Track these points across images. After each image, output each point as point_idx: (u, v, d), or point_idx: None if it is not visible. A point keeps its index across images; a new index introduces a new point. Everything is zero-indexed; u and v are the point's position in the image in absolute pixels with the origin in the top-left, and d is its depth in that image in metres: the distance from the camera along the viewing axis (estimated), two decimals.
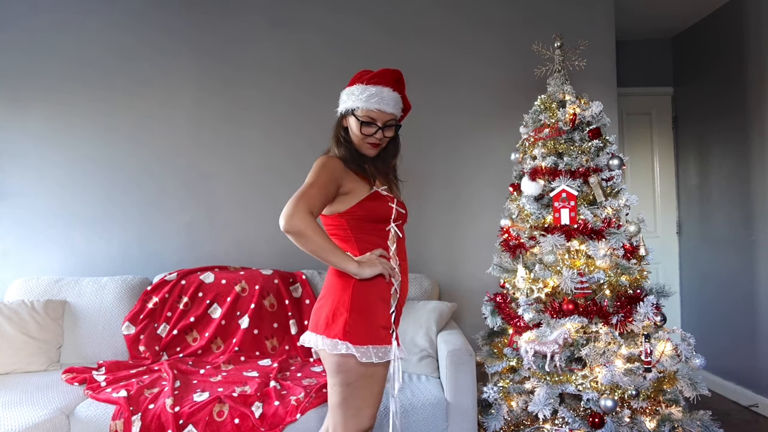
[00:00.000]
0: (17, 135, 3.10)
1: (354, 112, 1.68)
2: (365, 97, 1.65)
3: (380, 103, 1.65)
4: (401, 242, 1.72)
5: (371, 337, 1.58)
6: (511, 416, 2.24)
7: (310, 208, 1.55)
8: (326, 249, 1.56)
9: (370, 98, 1.65)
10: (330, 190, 1.62)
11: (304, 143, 3.21)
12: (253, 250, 3.19)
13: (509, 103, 3.26)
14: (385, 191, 1.70)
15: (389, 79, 1.69)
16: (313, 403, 2.12)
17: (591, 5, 3.35)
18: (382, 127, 1.68)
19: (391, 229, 1.68)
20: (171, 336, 2.71)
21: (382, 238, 1.68)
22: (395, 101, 1.69)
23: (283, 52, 3.26)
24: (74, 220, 3.12)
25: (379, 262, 1.61)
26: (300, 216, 1.53)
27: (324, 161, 1.68)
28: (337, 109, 1.76)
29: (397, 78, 1.71)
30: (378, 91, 1.66)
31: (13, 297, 2.74)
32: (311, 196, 1.57)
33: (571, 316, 2.12)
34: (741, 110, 3.45)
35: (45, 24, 3.14)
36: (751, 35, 3.35)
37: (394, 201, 1.70)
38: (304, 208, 1.54)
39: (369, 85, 1.66)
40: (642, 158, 4.20)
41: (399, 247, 1.70)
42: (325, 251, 1.56)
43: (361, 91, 1.66)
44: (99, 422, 2.05)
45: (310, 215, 1.55)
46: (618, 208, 2.30)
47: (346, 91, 1.72)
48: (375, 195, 1.67)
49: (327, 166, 1.66)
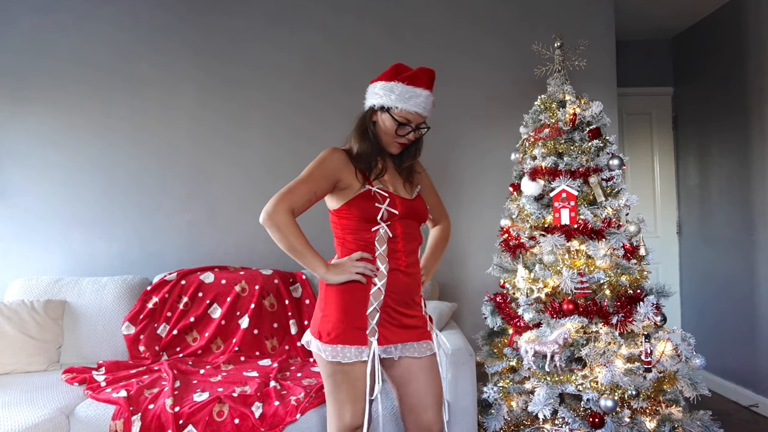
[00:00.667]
0: (17, 135, 3.10)
1: (390, 111, 1.67)
2: (406, 98, 1.65)
3: (418, 106, 1.66)
4: (394, 242, 1.68)
5: (343, 337, 1.61)
6: (511, 416, 2.24)
7: (291, 205, 1.59)
8: (296, 250, 1.60)
9: (410, 100, 1.65)
10: (321, 186, 1.64)
11: (304, 143, 3.21)
12: (253, 250, 3.19)
13: (509, 103, 3.26)
14: (381, 190, 1.68)
15: (427, 80, 1.69)
16: (313, 403, 2.12)
17: (591, 5, 3.35)
18: (415, 128, 1.70)
19: (380, 229, 1.66)
20: (171, 336, 2.71)
21: (370, 238, 1.67)
22: (430, 105, 1.70)
23: (283, 52, 3.26)
24: (74, 220, 3.12)
25: (351, 267, 1.62)
26: (278, 212, 1.57)
27: (323, 156, 1.69)
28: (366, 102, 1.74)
29: (433, 79, 1.72)
30: (417, 93, 1.66)
31: (12, 297, 2.74)
32: (296, 193, 1.60)
33: (571, 316, 2.11)
34: (741, 110, 3.44)
35: (45, 24, 3.14)
36: (751, 35, 3.35)
37: (386, 201, 1.65)
38: (285, 205, 1.58)
39: (409, 85, 1.65)
40: (642, 158, 4.20)
41: (391, 247, 1.67)
42: (295, 252, 1.60)
43: (401, 90, 1.65)
44: (99, 422, 2.05)
45: (289, 213, 1.58)
46: (618, 208, 2.30)
47: (381, 85, 1.68)
48: (365, 194, 1.66)
49: (324, 161, 1.67)
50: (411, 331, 1.70)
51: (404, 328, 1.69)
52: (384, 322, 1.66)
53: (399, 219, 1.69)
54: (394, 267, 1.68)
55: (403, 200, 1.72)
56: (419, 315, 1.75)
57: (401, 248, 1.70)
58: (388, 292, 1.66)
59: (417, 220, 1.76)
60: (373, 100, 1.71)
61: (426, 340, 1.72)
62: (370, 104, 1.73)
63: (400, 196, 1.72)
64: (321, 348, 1.62)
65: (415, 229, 1.76)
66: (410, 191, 1.79)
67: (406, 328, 1.69)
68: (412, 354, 1.68)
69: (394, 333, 1.67)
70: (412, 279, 1.73)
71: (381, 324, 1.65)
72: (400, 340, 1.67)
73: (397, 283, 1.68)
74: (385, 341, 1.65)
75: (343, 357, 1.60)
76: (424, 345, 1.71)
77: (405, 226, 1.71)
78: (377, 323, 1.64)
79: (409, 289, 1.72)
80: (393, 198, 1.69)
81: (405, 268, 1.70)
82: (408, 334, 1.69)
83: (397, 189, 1.76)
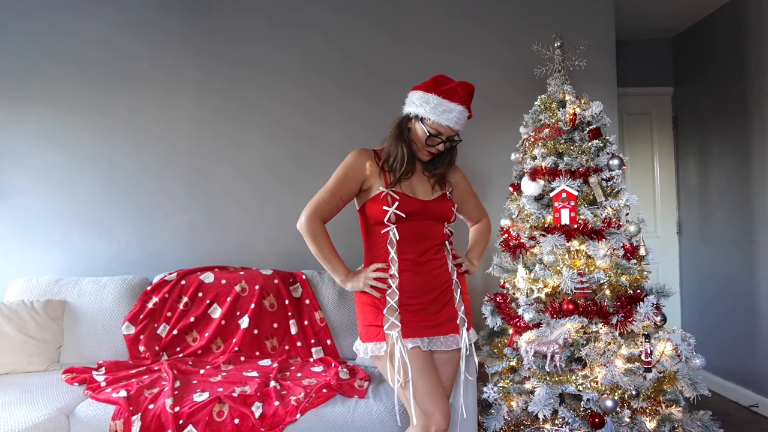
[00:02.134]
0: (17, 135, 3.10)
1: (423, 121, 1.73)
2: (440, 111, 1.70)
3: (450, 121, 1.72)
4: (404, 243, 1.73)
5: (365, 335, 1.76)
6: (511, 416, 2.24)
7: (317, 212, 1.75)
8: (319, 255, 1.76)
9: (443, 114, 1.71)
10: (346, 190, 1.77)
11: (304, 143, 3.21)
12: (253, 250, 3.19)
13: (509, 103, 3.26)
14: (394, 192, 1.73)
15: (464, 96, 1.75)
16: (313, 403, 2.12)
17: (591, 5, 3.35)
18: (445, 141, 1.75)
19: (390, 231, 1.72)
20: (171, 336, 2.71)
21: (382, 239, 1.74)
22: (464, 119, 1.77)
23: (283, 52, 3.25)
24: (74, 220, 3.12)
25: (364, 279, 1.72)
26: (311, 221, 1.74)
27: (348, 160, 1.79)
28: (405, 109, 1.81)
29: (471, 94, 1.79)
30: (451, 108, 1.71)
31: (12, 297, 2.73)
32: (321, 200, 1.76)
33: (571, 316, 2.11)
34: (741, 110, 3.45)
35: (45, 24, 3.13)
36: (751, 35, 3.35)
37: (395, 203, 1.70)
38: (311, 211, 1.75)
39: (445, 99, 1.71)
40: (642, 158, 4.20)
41: (401, 248, 1.73)
42: (324, 259, 1.76)
43: (436, 103, 1.71)
44: (99, 422, 2.05)
45: (315, 219, 1.74)
46: (618, 208, 2.30)
47: (419, 95, 1.75)
48: (377, 197, 1.73)
49: (349, 166, 1.78)
50: (438, 328, 1.76)
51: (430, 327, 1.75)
52: (406, 320, 1.72)
53: (412, 220, 1.74)
54: (405, 268, 1.74)
55: (418, 201, 1.76)
56: (449, 309, 1.79)
57: (413, 249, 1.75)
58: (402, 292, 1.73)
59: (436, 220, 1.81)
60: (409, 108, 1.78)
61: (453, 334, 1.78)
62: (407, 111, 1.80)
63: (415, 198, 1.76)
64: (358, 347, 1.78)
65: (434, 228, 1.80)
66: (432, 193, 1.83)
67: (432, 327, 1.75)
68: (439, 347, 1.76)
69: (416, 330, 1.73)
70: (429, 277, 1.77)
71: (403, 321, 1.72)
72: (424, 335, 1.74)
73: (410, 283, 1.74)
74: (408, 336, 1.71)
75: (367, 352, 1.73)
76: (450, 339, 1.77)
77: (419, 227, 1.76)
78: (398, 319, 1.72)
79: (427, 287, 1.76)
80: (406, 200, 1.73)
81: (417, 268, 1.75)
82: (435, 330, 1.76)
83: (415, 191, 1.80)
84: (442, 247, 1.84)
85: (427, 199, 1.80)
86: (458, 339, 1.80)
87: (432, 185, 1.85)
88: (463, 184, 2.00)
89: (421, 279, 1.76)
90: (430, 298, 1.76)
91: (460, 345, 1.80)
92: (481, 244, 2.08)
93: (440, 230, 1.83)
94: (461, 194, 1.98)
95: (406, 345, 1.68)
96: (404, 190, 1.77)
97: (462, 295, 1.87)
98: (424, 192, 1.82)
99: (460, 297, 1.85)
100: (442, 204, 1.83)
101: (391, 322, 1.71)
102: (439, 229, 1.82)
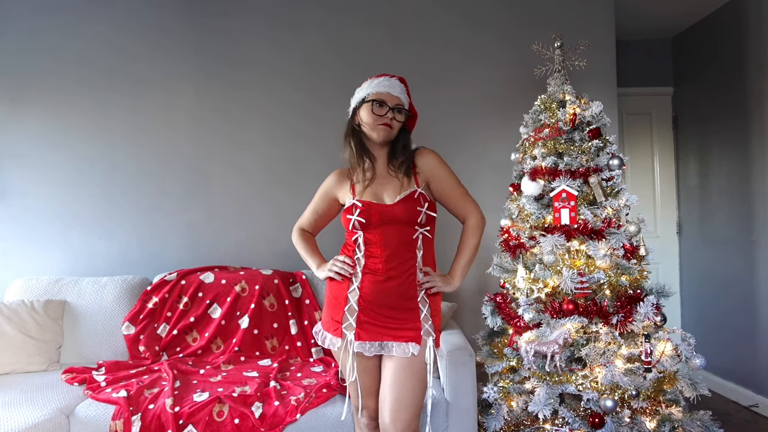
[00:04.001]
0: (17, 135, 3.10)
1: (365, 100, 1.82)
2: (374, 84, 1.83)
3: (388, 88, 1.82)
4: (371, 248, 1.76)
5: (326, 324, 1.85)
6: (511, 416, 2.24)
7: (301, 225, 2.02)
8: (302, 254, 1.99)
9: (379, 84, 1.82)
10: (320, 206, 1.98)
11: (303, 144, 3.22)
12: (253, 250, 3.19)
13: (509, 103, 3.26)
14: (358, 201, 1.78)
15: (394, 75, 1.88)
16: (313, 403, 2.12)
17: (591, 5, 3.35)
18: (392, 107, 1.80)
19: (358, 237, 1.79)
20: (171, 336, 2.71)
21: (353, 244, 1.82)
22: (401, 89, 1.85)
23: (282, 53, 3.25)
24: (74, 220, 3.12)
25: (330, 265, 1.84)
26: (294, 230, 2.03)
27: (326, 180, 1.96)
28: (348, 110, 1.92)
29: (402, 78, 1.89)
30: (384, 79, 1.84)
31: (12, 297, 2.73)
32: (303, 216, 2.03)
33: (571, 316, 2.11)
34: (741, 110, 3.44)
35: (45, 24, 3.14)
36: (751, 35, 3.35)
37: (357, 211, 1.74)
38: (296, 225, 2.03)
39: (376, 78, 1.85)
40: (642, 158, 4.20)
41: (368, 252, 1.76)
42: (302, 256, 1.99)
43: (369, 82, 1.85)
44: (99, 422, 2.05)
45: (297, 230, 2.02)
46: (618, 208, 2.30)
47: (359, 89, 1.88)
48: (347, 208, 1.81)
49: (323, 184, 1.96)
50: (393, 332, 1.73)
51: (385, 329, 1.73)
52: (363, 321, 1.74)
53: (377, 225, 1.75)
54: (368, 271, 1.77)
55: (378, 206, 1.75)
56: (411, 320, 1.74)
57: (379, 254, 1.75)
58: (363, 293, 1.75)
59: (402, 224, 1.75)
60: (352, 103, 1.90)
61: (411, 343, 1.71)
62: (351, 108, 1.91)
63: (378, 204, 1.76)
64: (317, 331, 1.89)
65: (400, 232, 1.75)
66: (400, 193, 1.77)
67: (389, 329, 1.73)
68: (388, 353, 1.73)
69: (371, 332, 1.74)
70: (395, 284, 1.73)
71: (359, 321, 1.75)
72: (377, 339, 1.74)
73: (372, 286, 1.75)
74: (361, 338, 1.74)
75: (323, 342, 1.83)
76: (404, 346, 1.71)
77: (383, 232, 1.75)
78: (355, 320, 1.75)
79: (391, 293, 1.74)
80: (367, 206, 1.75)
81: (383, 273, 1.74)
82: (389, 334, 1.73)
83: (381, 196, 1.78)
84: (412, 252, 1.76)
85: (391, 202, 1.76)
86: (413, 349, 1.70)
87: (402, 183, 1.78)
88: (439, 171, 1.83)
89: (389, 284, 1.74)
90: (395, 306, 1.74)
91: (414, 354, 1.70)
92: (464, 255, 1.86)
93: (407, 234, 1.75)
94: (438, 184, 1.83)
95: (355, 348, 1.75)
96: (368, 197, 1.78)
97: (431, 311, 1.78)
98: (393, 194, 1.77)
99: (428, 311, 1.77)
100: (407, 206, 1.74)
101: (348, 323, 1.76)
102: (405, 233, 1.75)
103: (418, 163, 1.83)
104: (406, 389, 1.69)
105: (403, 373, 1.70)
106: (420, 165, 1.83)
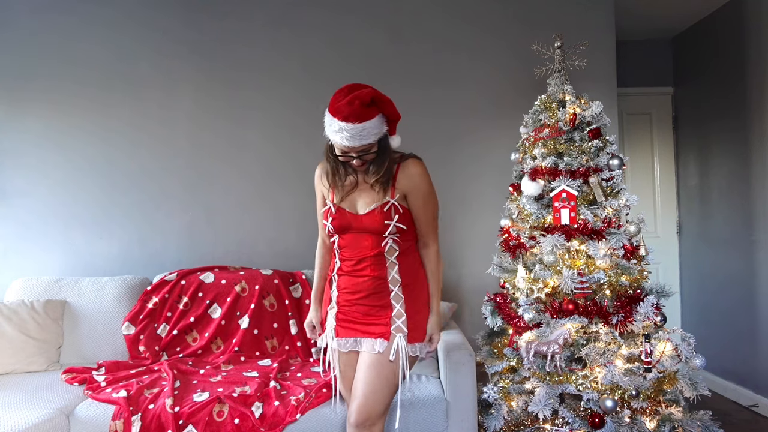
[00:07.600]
0: (17, 135, 3.10)
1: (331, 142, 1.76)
2: (334, 131, 1.66)
3: (344, 140, 1.65)
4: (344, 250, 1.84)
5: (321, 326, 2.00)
6: (511, 416, 2.24)
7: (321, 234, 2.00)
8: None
9: (336, 134, 1.65)
10: (319, 204, 1.94)
11: (303, 144, 3.21)
12: (253, 250, 3.19)
13: (509, 103, 3.26)
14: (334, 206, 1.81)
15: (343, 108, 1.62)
16: (313, 403, 2.12)
17: (591, 5, 3.35)
18: (357, 156, 1.72)
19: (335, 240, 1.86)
20: (171, 336, 2.71)
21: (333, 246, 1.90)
22: (362, 133, 1.64)
23: (282, 53, 3.25)
24: (74, 220, 3.12)
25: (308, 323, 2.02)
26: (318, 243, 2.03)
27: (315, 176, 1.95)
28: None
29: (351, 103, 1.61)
30: (342, 128, 1.63)
31: (13, 297, 2.73)
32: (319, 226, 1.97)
33: (571, 316, 2.11)
34: (741, 110, 3.44)
35: (45, 24, 3.14)
36: (751, 35, 3.35)
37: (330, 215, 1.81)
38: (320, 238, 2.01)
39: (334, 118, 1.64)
40: (642, 158, 4.20)
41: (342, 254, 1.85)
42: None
43: (329, 122, 1.66)
44: (99, 422, 2.05)
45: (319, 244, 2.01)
46: (618, 208, 2.30)
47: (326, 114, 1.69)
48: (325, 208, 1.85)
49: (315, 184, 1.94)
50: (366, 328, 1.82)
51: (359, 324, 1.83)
52: (341, 319, 1.87)
53: (349, 232, 1.82)
54: (343, 273, 1.87)
55: (349, 216, 1.80)
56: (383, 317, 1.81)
57: (348, 256, 1.84)
58: (340, 292, 1.87)
59: (368, 233, 1.80)
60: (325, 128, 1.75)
61: (379, 339, 1.78)
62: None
63: (351, 213, 1.80)
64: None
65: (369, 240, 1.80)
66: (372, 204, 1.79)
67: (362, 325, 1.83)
68: (360, 348, 1.83)
69: (347, 329, 1.85)
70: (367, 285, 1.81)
71: (338, 319, 1.87)
72: (352, 335, 1.84)
73: (346, 283, 1.86)
74: (339, 334, 1.87)
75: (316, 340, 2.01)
76: (372, 342, 1.79)
77: (355, 239, 1.82)
78: (335, 317, 1.88)
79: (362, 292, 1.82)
80: (341, 214, 1.81)
81: (352, 272, 1.84)
82: (361, 330, 1.83)
83: (356, 204, 1.81)
84: (381, 259, 1.80)
85: (362, 212, 1.79)
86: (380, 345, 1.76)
87: (377, 193, 1.78)
88: (417, 188, 1.80)
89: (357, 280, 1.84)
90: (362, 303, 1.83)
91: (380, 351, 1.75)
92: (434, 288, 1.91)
93: (375, 242, 1.79)
94: (413, 201, 1.81)
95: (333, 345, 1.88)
96: (345, 204, 1.81)
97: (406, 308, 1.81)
98: (367, 202, 1.79)
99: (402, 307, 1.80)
100: (375, 218, 1.76)
101: (329, 321, 1.90)
102: (373, 241, 1.79)
103: (399, 175, 1.79)
104: (370, 386, 1.75)
105: (369, 370, 1.77)
106: (400, 177, 1.79)
